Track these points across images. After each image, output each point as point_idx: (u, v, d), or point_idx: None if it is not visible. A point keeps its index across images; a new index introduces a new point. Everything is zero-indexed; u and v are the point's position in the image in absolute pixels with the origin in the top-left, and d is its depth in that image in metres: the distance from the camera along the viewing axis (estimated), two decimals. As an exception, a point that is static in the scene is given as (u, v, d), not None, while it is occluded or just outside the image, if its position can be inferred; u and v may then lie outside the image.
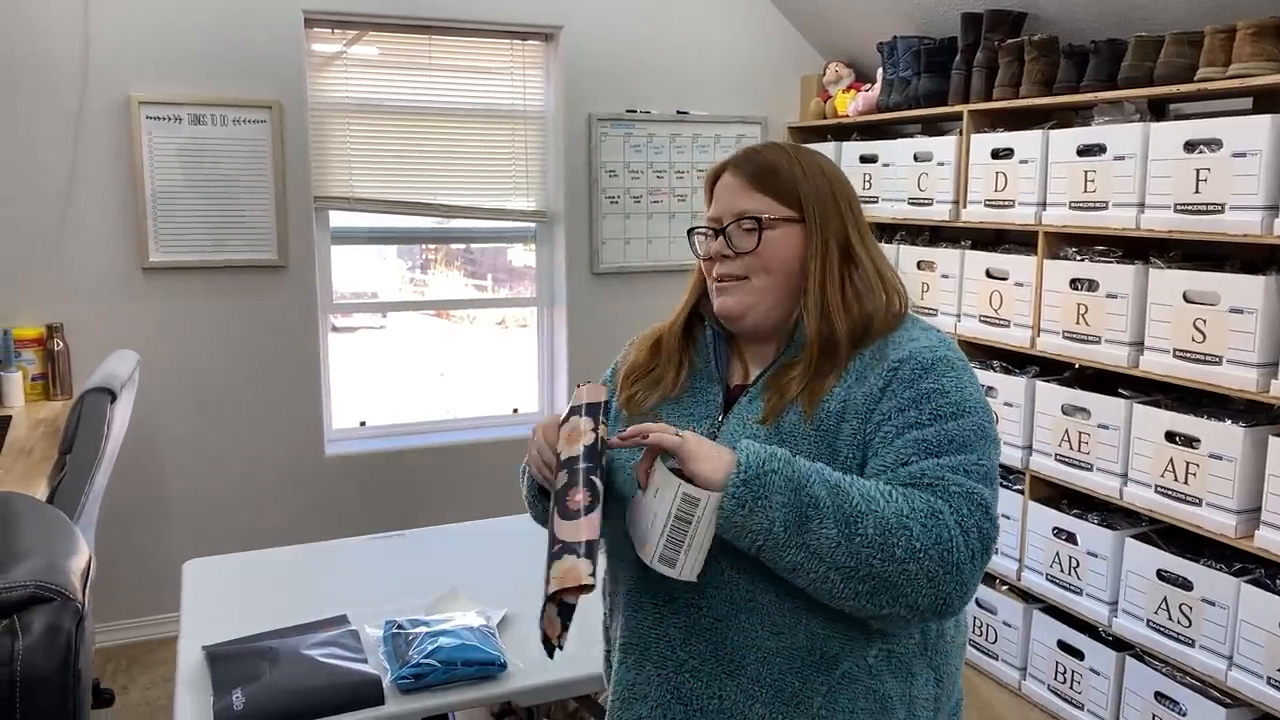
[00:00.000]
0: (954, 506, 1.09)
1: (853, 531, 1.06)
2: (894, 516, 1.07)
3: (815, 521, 1.06)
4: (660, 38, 3.79)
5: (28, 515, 1.14)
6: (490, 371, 4.00)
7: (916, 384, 1.16)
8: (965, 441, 1.14)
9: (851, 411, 1.18)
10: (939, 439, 1.13)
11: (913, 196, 3.36)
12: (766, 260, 1.25)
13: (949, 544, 1.07)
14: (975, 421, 1.16)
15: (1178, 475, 2.46)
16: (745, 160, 1.29)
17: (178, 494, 3.35)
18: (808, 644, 1.15)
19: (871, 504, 1.07)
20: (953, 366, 1.19)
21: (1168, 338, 2.47)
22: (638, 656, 1.24)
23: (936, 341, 1.22)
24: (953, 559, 1.07)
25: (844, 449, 1.17)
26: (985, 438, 1.16)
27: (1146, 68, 2.57)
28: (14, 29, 3.01)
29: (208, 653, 1.69)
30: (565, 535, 1.09)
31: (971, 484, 1.12)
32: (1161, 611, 2.51)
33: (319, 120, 3.43)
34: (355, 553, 2.26)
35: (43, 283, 3.11)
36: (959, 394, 1.16)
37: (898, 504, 1.08)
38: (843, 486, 1.08)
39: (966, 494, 1.10)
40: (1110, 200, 2.62)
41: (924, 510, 1.08)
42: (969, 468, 1.13)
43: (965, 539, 1.08)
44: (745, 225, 1.25)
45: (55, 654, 0.92)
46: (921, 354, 1.19)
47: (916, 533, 1.06)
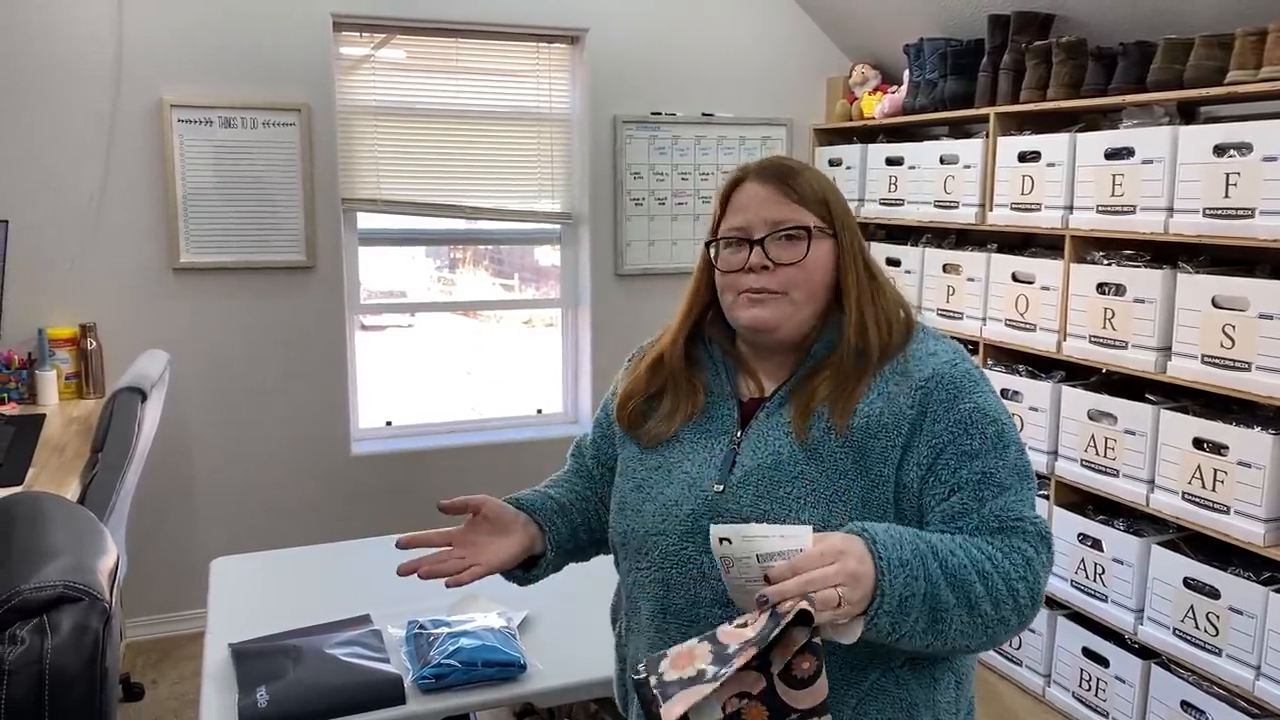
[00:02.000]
0: (1035, 546, 1.15)
1: (974, 615, 1.10)
2: (1005, 585, 1.11)
3: (945, 623, 1.09)
4: (685, 40, 3.80)
5: (57, 515, 1.17)
6: (516, 372, 4.03)
7: (956, 404, 1.18)
8: (1016, 467, 1.19)
9: (881, 429, 1.17)
10: (1001, 472, 1.17)
11: (939, 199, 3.34)
12: (810, 272, 1.23)
13: (1039, 585, 1.14)
14: (1015, 438, 1.21)
15: (1205, 482, 2.43)
16: (774, 169, 1.27)
17: (206, 491, 3.40)
18: (839, 657, 1.14)
19: (987, 581, 1.10)
20: (976, 380, 1.21)
21: (1196, 343, 2.45)
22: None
23: (954, 354, 1.24)
24: (1039, 595, 1.15)
25: (875, 465, 1.17)
26: (1021, 453, 1.21)
27: (1176, 70, 2.55)
28: (49, 34, 3.07)
29: (233, 650, 1.71)
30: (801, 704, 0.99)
31: (1039, 517, 1.18)
32: (1188, 620, 2.48)
33: (347, 123, 3.47)
34: (379, 553, 2.27)
35: (76, 283, 3.17)
36: (995, 411, 1.20)
37: (1003, 567, 1.12)
38: (966, 577, 1.09)
39: (1039, 532, 1.16)
40: (1138, 204, 2.60)
41: (1021, 563, 1.13)
42: (1029, 497, 1.19)
43: (1044, 572, 1.16)
44: (789, 235, 1.23)
45: (83, 653, 0.94)
46: (945, 371, 1.20)
47: (1021, 591, 1.12)
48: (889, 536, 1.06)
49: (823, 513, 1.16)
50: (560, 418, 3.97)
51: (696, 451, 1.27)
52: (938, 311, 3.33)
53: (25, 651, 0.90)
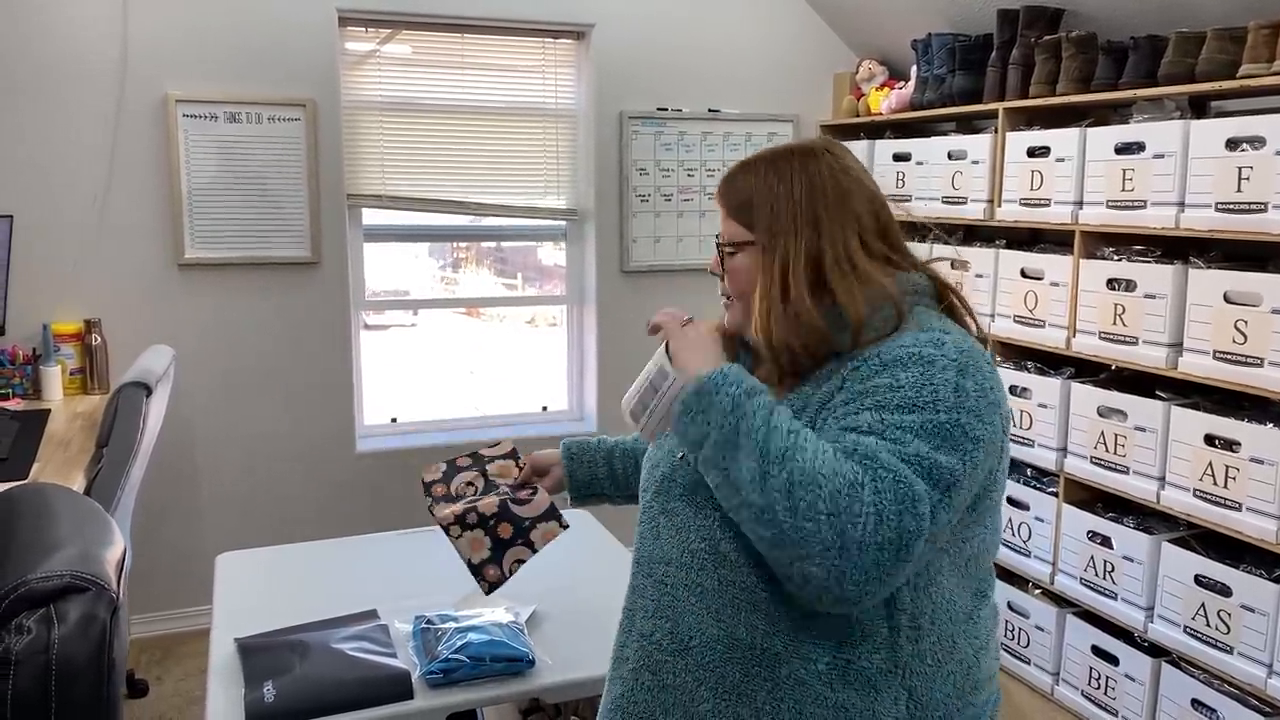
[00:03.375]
0: (879, 489, 1.03)
1: (768, 472, 1.05)
2: (810, 472, 1.03)
3: (741, 451, 1.07)
4: (692, 35, 3.78)
5: (64, 506, 1.16)
6: (520, 369, 4.01)
7: (870, 379, 1.12)
8: (917, 431, 1.07)
9: (807, 414, 1.18)
10: (884, 422, 1.08)
11: (947, 195, 3.32)
12: (738, 283, 1.28)
13: (854, 519, 1.02)
14: (937, 419, 1.07)
15: (1217, 479, 2.41)
16: (723, 184, 1.33)
17: (211, 487, 3.39)
18: (748, 638, 1.16)
19: (797, 453, 1.05)
20: (926, 364, 1.10)
21: (1207, 339, 2.43)
22: (627, 622, 1.32)
23: (925, 341, 1.14)
24: (854, 536, 1.01)
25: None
26: (945, 438, 1.07)
27: (1187, 64, 2.53)
28: (53, 29, 3.06)
29: (239, 645, 1.70)
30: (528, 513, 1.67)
31: (910, 475, 1.04)
32: (1199, 617, 2.46)
33: (352, 118, 3.46)
34: (385, 548, 2.27)
35: (81, 278, 3.16)
36: (915, 388, 1.09)
37: (823, 463, 1.04)
38: (781, 429, 1.08)
39: (897, 481, 1.03)
40: (1149, 199, 2.58)
41: (845, 479, 1.03)
42: (912, 458, 1.05)
43: (876, 523, 1.02)
44: (728, 250, 1.29)
45: (90, 643, 0.93)
46: (890, 351, 1.13)
47: (825, 495, 1.02)
48: (737, 370, 1.15)
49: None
50: (566, 415, 3.95)
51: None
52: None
53: (32, 641, 0.89)
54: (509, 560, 1.63)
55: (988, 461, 1.12)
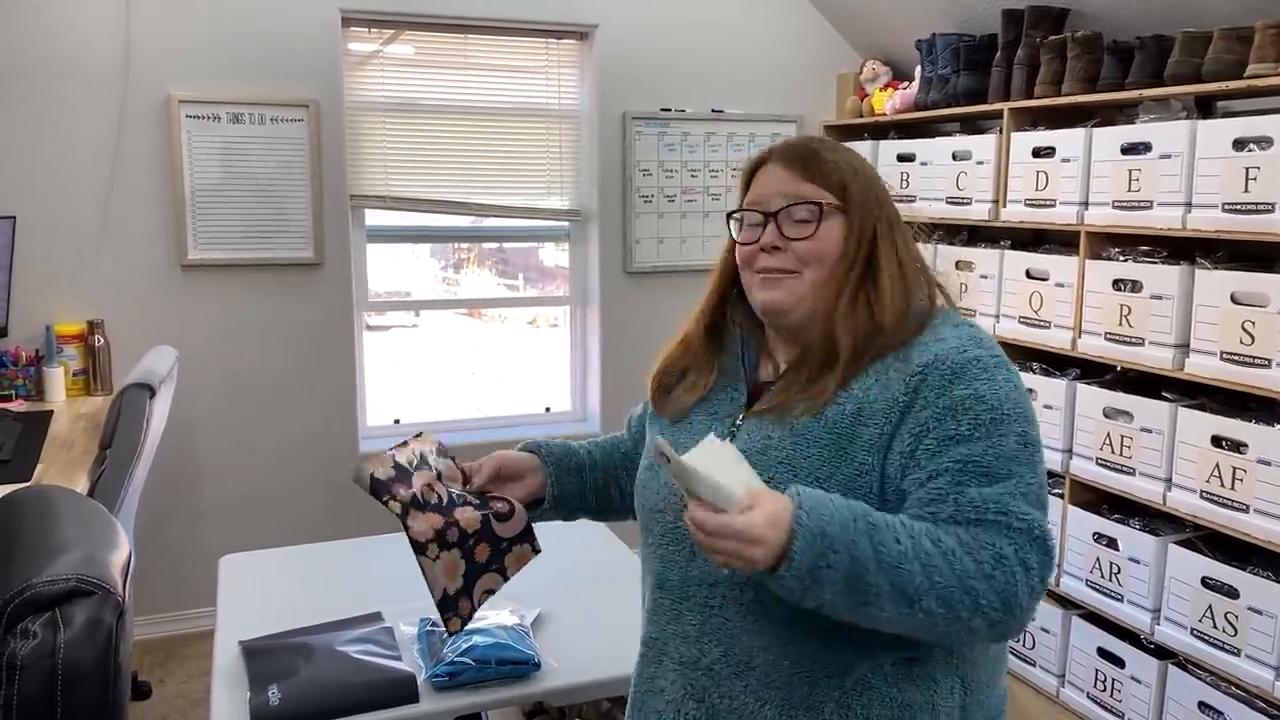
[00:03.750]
0: (1017, 545, 1.06)
1: (915, 610, 1.04)
2: (958, 583, 1.04)
3: (875, 606, 1.04)
4: (695, 36, 3.77)
5: (69, 509, 1.15)
6: (522, 370, 4.01)
7: (949, 390, 1.11)
8: (1014, 457, 1.10)
9: (869, 415, 1.14)
10: (988, 458, 1.09)
11: (951, 196, 3.31)
12: (822, 250, 1.20)
13: (1013, 590, 1.05)
14: (1019, 430, 1.11)
15: (1224, 480, 2.40)
16: (797, 152, 1.24)
17: (214, 489, 3.39)
18: (816, 648, 1.13)
19: (934, 575, 1.04)
20: (986, 367, 1.13)
21: (1214, 340, 2.42)
22: (657, 652, 1.25)
23: (967, 340, 1.16)
24: (1016, 602, 1.06)
25: (859, 453, 1.14)
26: (1031, 446, 1.12)
27: (1194, 64, 2.52)
28: (56, 30, 3.06)
29: (244, 648, 1.69)
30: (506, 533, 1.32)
31: (1032, 514, 1.08)
32: (1206, 620, 2.45)
33: (355, 119, 3.45)
34: (389, 550, 2.25)
35: (84, 279, 3.16)
36: (996, 398, 1.11)
37: (963, 563, 1.05)
38: (903, 565, 1.03)
39: (1029, 529, 1.07)
40: (1155, 199, 2.57)
41: (990, 560, 1.05)
42: (1025, 491, 1.09)
43: (1027, 578, 1.06)
44: (799, 214, 1.20)
45: (96, 646, 0.92)
46: (949, 356, 1.13)
47: (982, 591, 1.04)
48: (819, 505, 1.03)
49: None
50: (569, 415, 3.95)
51: (702, 433, 1.25)
52: (950, 309, 3.30)
53: (37, 646, 0.88)
54: (480, 590, 1.30)
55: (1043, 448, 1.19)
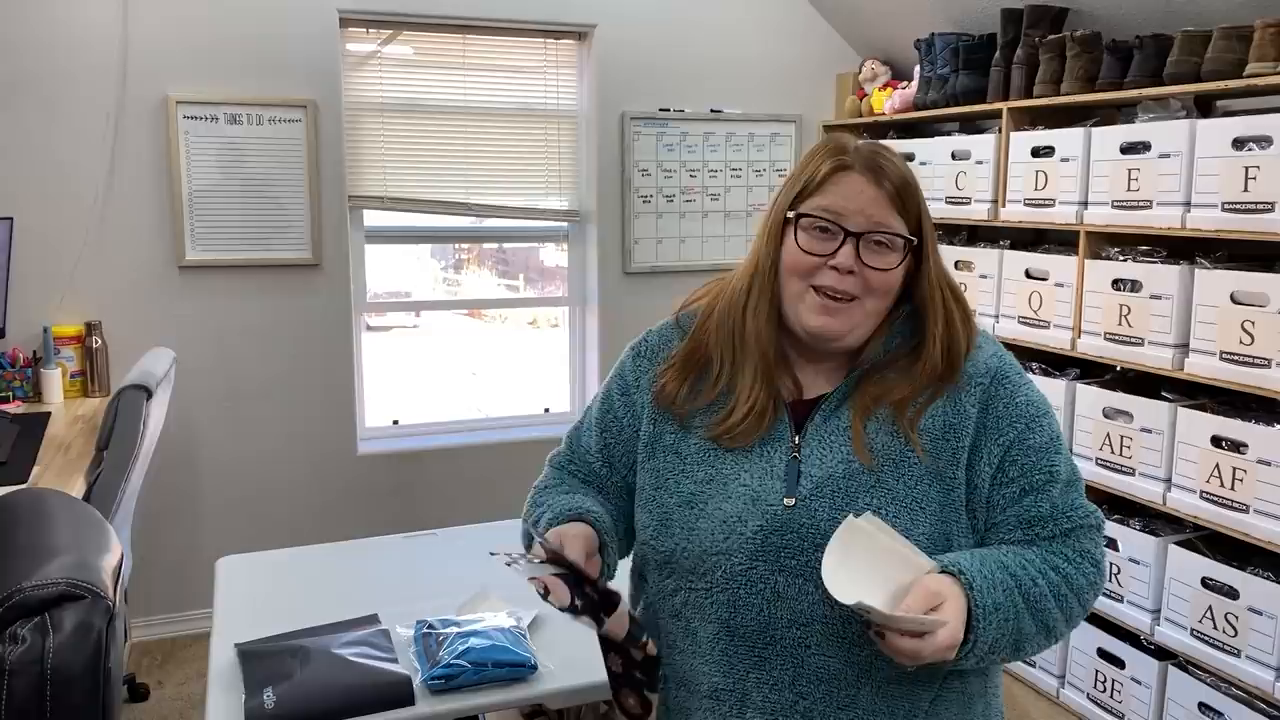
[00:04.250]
0: (1097, 541, 1.21)
1: (1052, 636, 1.18)
2: (1078, 600, 1.18)
3: (1026, 649, 1.17)
4: (694, 36, 3.77)
5: (61, 512, 1.14)
6: (522, 371, 4.00)
7: (1014, 399, 1.20)
8: (1069, 459, 1.23)
9: (948, 430, 1.18)
10: (1060, 464, 1.20)
11: (950, 195, 3.31)
12: (892, 283, 1.19)
13: (1102, 580, 1.22)
14: (1059, 430, 1.24)
15: (1224, 481, 2.39)
16: (882, 168, 1.18)
17: (212, 490, 3.38)
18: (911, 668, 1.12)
19: (1065, 602, 1.16)
20: (1021, 372, 1.25)
21: (1214, 340, 2.41)
22: (737, 703, 1.19)
23: (994, 345, 1.27)
24: (1100, 590, 1.23)
25: (947, 469, 1.18)
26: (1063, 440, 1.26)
27: (1193, 63, 2.51)
28: (54, 30, 3.05)
29: (240, 651, 1.69)
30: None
31: (1091, 507, 1.22)
32: (1206, 620, 2.44)
33: (354, 120, 3.44)
34: (387, 551, 2.26)
35: (81, 280, 3.15)
36: (1042, 403, 1.23)
37: (1077, 582, 1.18)
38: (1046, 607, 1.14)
39: (1098, 523, 1.22)
40: (1155, 199, 2.56)
41: (1091, 569, 1.19)
42: (1081, 486, 1.23)
43: (1104, 563, 1.23)
44: (882, 240, 1.17)
45: (85, 652, 0.91)
46: (996, 365, 1.22)
47: (1089, 598, 1.20)
48: (984, 579, 1.09)
49: (904, 522, 1.14)
50: (568, 416, 3.94)
51: (751, 461, 1.19)
52: (949, 309, 3.30)
53: (26, 651, 0.87)
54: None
55: None
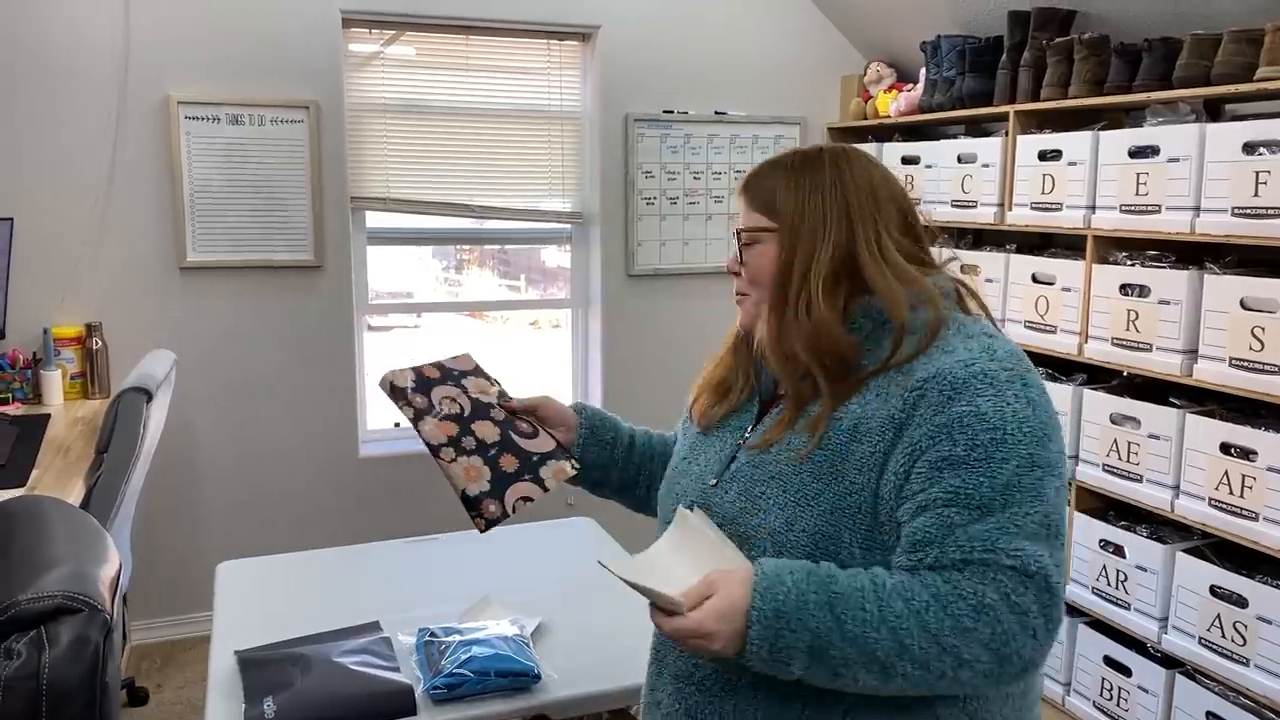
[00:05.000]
0: (1005, 591, 1.00)
1: (891, 674, 1.01)
2: (933, 642, 1.00)
3: (847, 676, 1.02)
4: (698, 37, 3.75)
5: (58, 521, 1.13)
6: (523, 373, 3.98)
7: (947, 408, 1.06)
8: (1014, 484, 1.03)
9: (865, 433, 1.10)
10: (983, 488, 1.03)
11: (956, 199, 3.29)
12: (755, 273, 1.23)
13: (1003, 639, 1.00)
14: (1025, 453, 1.04)
15: (1233, 488, 2.37)
16: (749, 177, 1.28)
17: (213, 493, 3.36)
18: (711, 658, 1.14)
19: (904, 638, 1.00)
20: (994, 382, 1.06)
21: (1223, 345, 2.39)
22: (658, 663, 1.28)
23: (979, 352, 1.10)
24: (1011, 650, 1.00)
25: (851, 472, 1.10)
26: (1039, 468, 1.04)
27: (1203, 67, 2.49)
28: (55, 30, 3.03)
29: (239, 658, 1.67)
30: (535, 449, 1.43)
31: (1028, 549, 1.01)
32: (1214, 629, 2.42)
33: (356, 120, 3.43)
34: (389, 557, 2.24)
35: (82, 282, 3.13)
36: (999, 416, 1.04)
37: (937, 620, 1.00)
38: (869, 633, 1.00)
39: (1021, 567, 1.00)
40: (1164, 203, 2.54)
41: (969, 613, 1.00)
42: (1021, 522, 1.02)
43: (1022, 622, 1.00)
44: (743, 239, 1.25)
45: (82, 665, 0.89)
46: (953, 370, 1.08)
47: (964, 647, 1.00)
48: (774, 584, 1.03)
49: (788, 515, 1.13)
50: (570, 419, 3.91)
51: (714, 445, 1.30)
52: (955, 313, 3.27)
53: (22, 665, 0.86)
54: (513, 496, 1.36)
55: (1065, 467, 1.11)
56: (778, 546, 1.13)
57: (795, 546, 1.11)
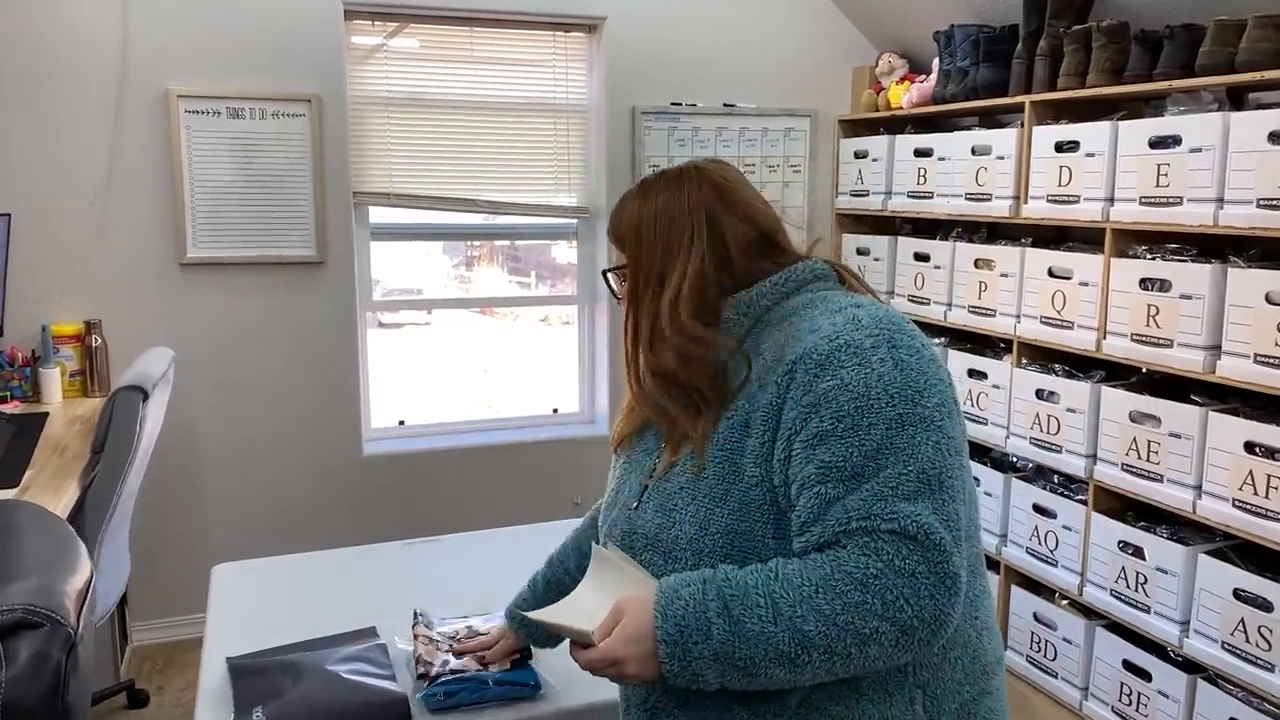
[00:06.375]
0: (887, 557, 0.99)
1: (802, 665, 1.01)
2: (829, 625, 0.99)
3: (762, 676, 1.02)
4: (706, 28, 3.68)
5: (30, 529, 1.07)
6: (532, 370, 3.93)
7: (814, 385, 1.06)
8: (884, 447, 1.02)
9: (756, 423, 1.11)
10: (853, 457, 1.02)
11: (970, 192, 3.21)
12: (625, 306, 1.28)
13: (898, 605, 0.98)
14: (894, 414, 1.03)
15: (1257, 488, 2.30)
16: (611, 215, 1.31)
17: (214, 492, 3.32)
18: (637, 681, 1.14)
19: (802, 624, 1.00)
20: (859, 350, 1.06)
21: (1248, 341, 2.32)
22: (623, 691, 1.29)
23: (843, 325, 1.09)
24: (911, 615, 0.99)
25: (748, 466, 1.11)
26: (912, 426, 1.03)
27: (1227, 54, 2.41)
28: (53, 23, 2.99)
29: (230, 666, 1.62)
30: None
31: (905, 510, 1.00)
32: (1238, 633, 2.35)
33: (358, 114, 3.37)
34: (388, 560, 2.19)
35: (81, 278, 3.09)
36: (863, 383, 1.04)
37: (829, 602, 0.99)
38: (766, 630, 1.00)
39: (901, 529, 0.99)
40: (1185, 195, 2.47)
41: (855, 588, 0.99)
42: (896, 484, 1.01)
43: (913, 586, 0.99)
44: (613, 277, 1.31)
45: (42, 683, 0.84)
46: (819, 346, 1.08)
47: (860, 624, 0.99)
48: (672, 601, 1.04)
49: (700, 520, 1.13)
50: (576, 417, 3.87)
51: (634, 471, 1.29)
52: (969, 309, 3.21)
53: (-22, 684, 0.80)
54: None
55: (954, 423, 1.08)
56: (697, 554, 1.13)
57: (713, 550, 1.12)
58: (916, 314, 3.41)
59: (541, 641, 1.58)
